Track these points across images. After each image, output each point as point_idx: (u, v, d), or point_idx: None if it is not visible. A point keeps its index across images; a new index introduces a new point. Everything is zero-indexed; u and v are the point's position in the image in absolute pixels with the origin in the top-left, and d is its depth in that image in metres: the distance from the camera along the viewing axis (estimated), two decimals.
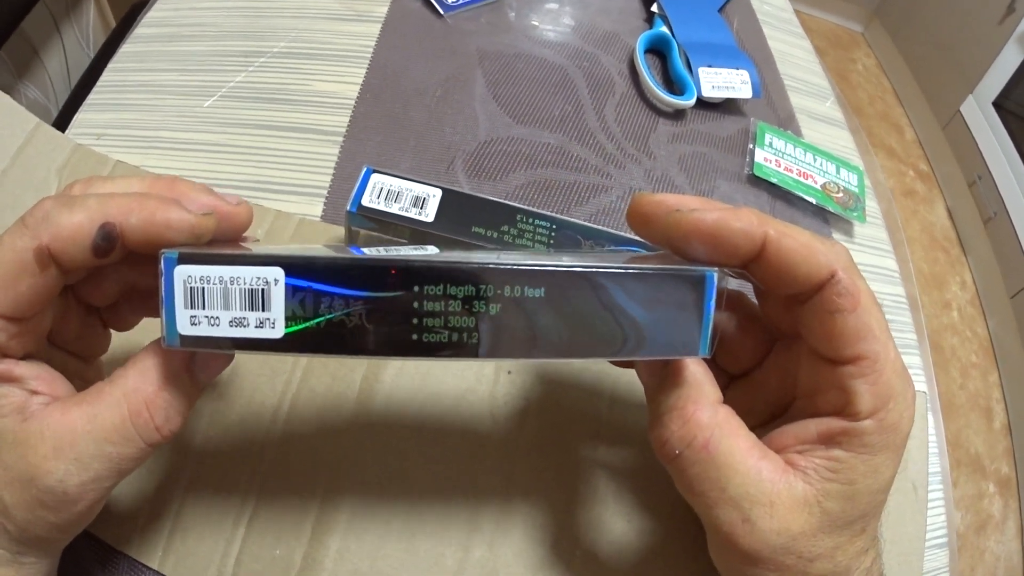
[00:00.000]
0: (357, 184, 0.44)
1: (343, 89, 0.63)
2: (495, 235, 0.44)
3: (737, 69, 0.70)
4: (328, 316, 0.27)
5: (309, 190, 0.55)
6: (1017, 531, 1.78)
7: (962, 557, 1.71)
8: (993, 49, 2.34)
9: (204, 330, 0.27)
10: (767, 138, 0.68)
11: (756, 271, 0.31)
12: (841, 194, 0.66)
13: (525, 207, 0.45)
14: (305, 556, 0.40)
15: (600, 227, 0.46)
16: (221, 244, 0.32)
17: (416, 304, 0.28)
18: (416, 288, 0.27)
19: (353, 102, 0.62)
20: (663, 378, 0.33)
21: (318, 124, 0.60)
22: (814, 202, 0.65)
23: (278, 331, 0.27)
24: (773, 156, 0.67)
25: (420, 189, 0.45)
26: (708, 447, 0.31)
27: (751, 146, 0.68)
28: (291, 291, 0.27)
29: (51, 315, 0.32)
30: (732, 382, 0.39)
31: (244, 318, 0.27)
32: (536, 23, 0.74)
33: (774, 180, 0.65)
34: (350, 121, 0.60)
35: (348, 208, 0.44)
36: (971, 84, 2.44)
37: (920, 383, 0.56)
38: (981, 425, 1.96)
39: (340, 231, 0.51)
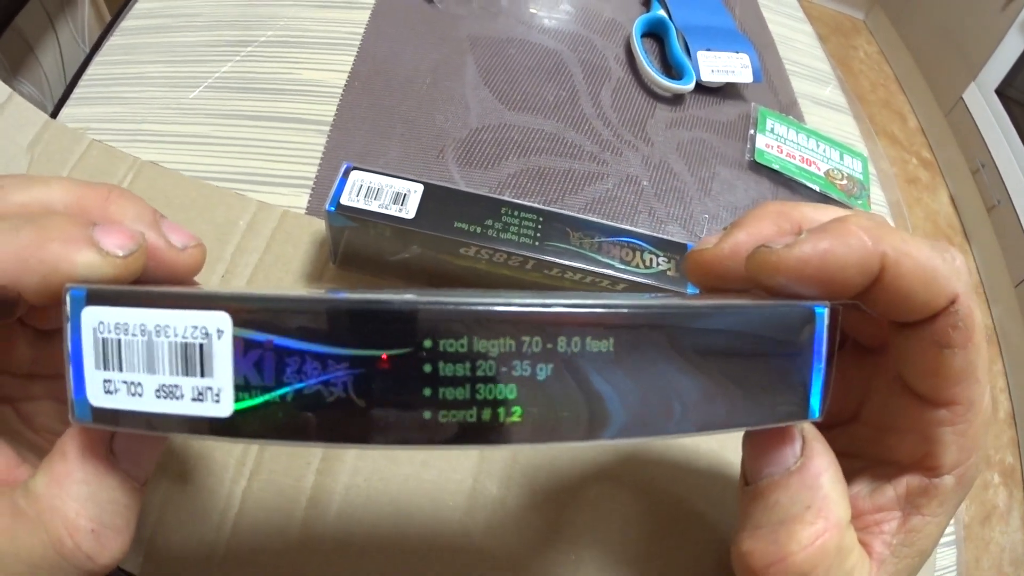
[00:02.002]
0: (336, 182, 0.43)
1: (330, 77, 0.61)
2: (478, 230, 0.42)
3: (737, 53, 0.69)
4: (298, 386, 0.20)
5: (295, 181, 0.54)
6: (1022, 521, 1.77)
7: (967, 548, 1.71)
8: (995, 36, 2.34)
9: (124, 401, 0.20)
10: (768, 123, 0.67)
11: (864, 299, 0.25)
12: (845, 181, 0.65)
13: (510, 199, 0.44)
14: None
15: (590, 217, 0.44)
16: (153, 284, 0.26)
17: (428, 367, 0.20)
18: (428, 343, 0.20)
19: (340, 90, 0.60)
20: (794, 474, 0.26)
21: (304, 113, 0.58)
22: (817, 189, 0.64)
23: (224, 407, 0.20)
24: (775, 142, 0.66)
25: (401, 185, 0.43)
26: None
27: (752, 132, 0.66)
28: (241, 347, 0.20)
29: None
30: None
31: (175, 387, 0.20)
32: (531, 9, 0.73)
33: (776, 167, 0.64)
34: (337, 110, 0.59)
35: (327, 207, 0.42)
36: (974, 71, 2.44)
37: None
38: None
39: (324, 225, 0.50)
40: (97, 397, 0.21)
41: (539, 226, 0.43)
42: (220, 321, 0.20)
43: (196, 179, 0.51)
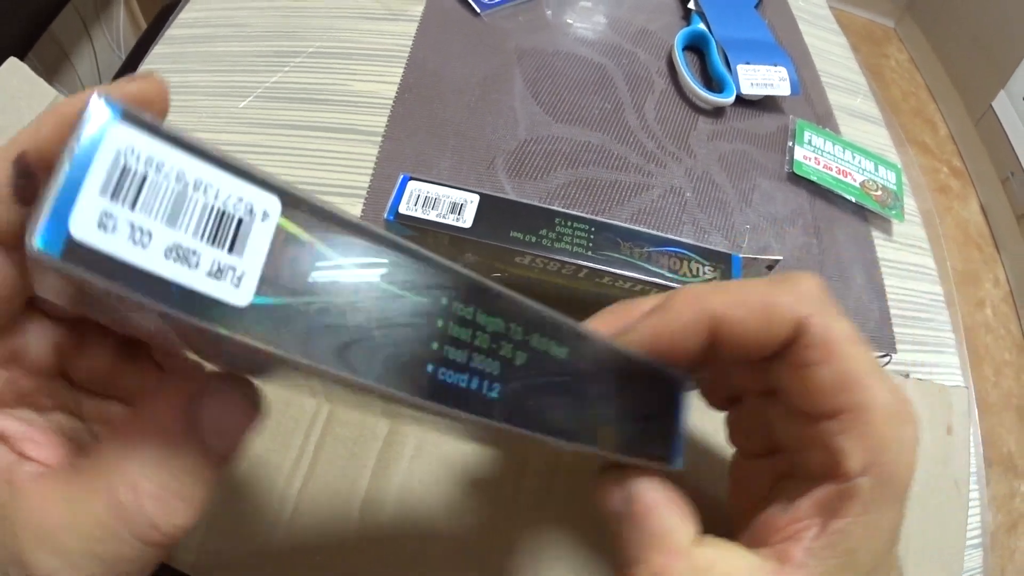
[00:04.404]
0: (394, 192, 0.44)
1: (381, 89, 0.63)
2: (533, 239, 0.43)
3: (775, 66, 0.70)
4: (325, 300, 0.19)
5: (348, 191, 0.55)
6: None
7: (991, 557, 1.69)
8: None
9: (118, 246, 0.17)
10: (806, 135, 0.68)
11: (719, 352, 0.28)
12: (880, 192, 0.66)
13: (563, 210, 0.45)
14: None
15: (639, 228, 0.45)
16: None
17: (441, 323, 0.21)
18: (445, 301, 0.21)
19: (391, 102, 0.62)
20: (627, 516, 0.28)
21: (356, 124, 0.60)
22: (853, 200, 0.65)
23: (243, 295, 0.18)
24: (812, 154, 0.67)
25: (457, 195, 0.44)
26: None
27: (790, 144, 0.68)
28: (283, 238, 0.19)
29: (44, 345, 0.25)
30: (732, 404, 0.35)
31: (193, 252, 0.18)
32: (572, 21, 0.74)
33: (814, 178, 0.65)
34: (388, 121, 0.60)
35: (385, 216, 0.43)
36: (1003, 79, 2.42)
37: (958, 379, 0.58)
38: (1014, 424, 1.95)
39: None
40: (82, 229, 0.16)
41: (591, 236, 0.44)
42: (270, 203, 0.19)
43: None
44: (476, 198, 0.44)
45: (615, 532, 0.28)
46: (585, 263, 0.43)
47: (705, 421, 0.39)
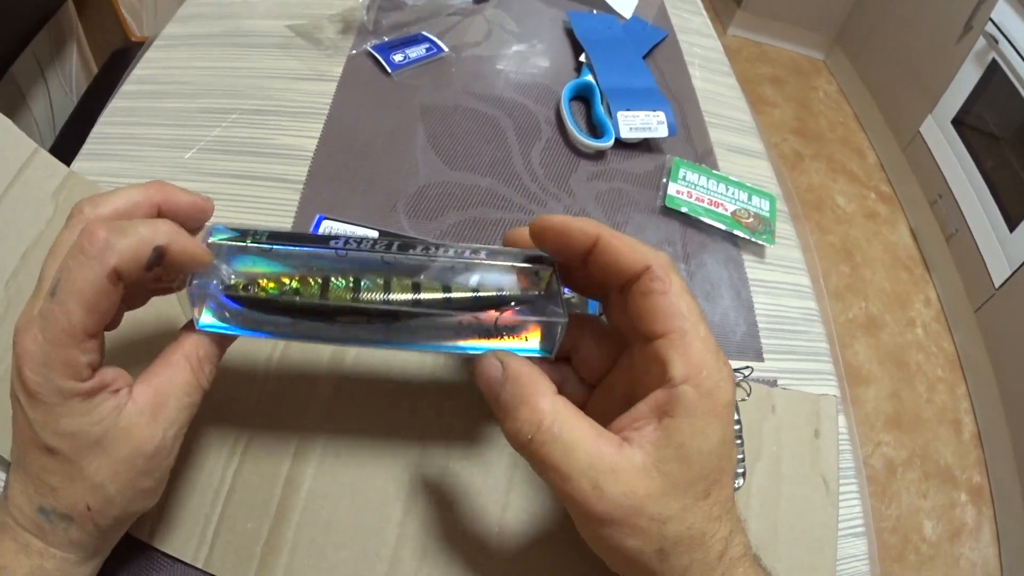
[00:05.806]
0: (311, 228, 0.53)
1: (303, 143, 0.70)
2: None
3: (654, 111, 0.78)
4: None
5: None
6: (992, 537, 1.82)
7: (936, 566, 1.75)
8: (952, 67, 2.39)
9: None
10: (681, 172, 0.75)
11: (594, 261, 0.38)
12: (751, 219, 0.73)
13: (444, 242, 0.53)
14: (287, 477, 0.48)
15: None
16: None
17: None
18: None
19: (312, 154, 0.69)
20: (504, 381, 0.37)
21: (282, 174, 0.67)
22: (723, 228, 0.71)
23: None
24: (685, 188, 0.73)
25: (361, 232, 0.53)
26: (553, 428, 0.35)
27: (664, 180, 0.74)
28: None
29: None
30: (591, 391, 0.44)
31: None
32: (474, 78, 0.82)
33: (684, 209, 0.71)
34: (309, 171, 0.68)
35: None
36: (931, 104, 2.48)
37: (831, 388, 0.63)
38: (950, 437, 2.01)
39: None
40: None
41: None
42: None
43: None
44: (375, 233, 0.53)
45: (494, 395, 0.38)
46: None
47: None
